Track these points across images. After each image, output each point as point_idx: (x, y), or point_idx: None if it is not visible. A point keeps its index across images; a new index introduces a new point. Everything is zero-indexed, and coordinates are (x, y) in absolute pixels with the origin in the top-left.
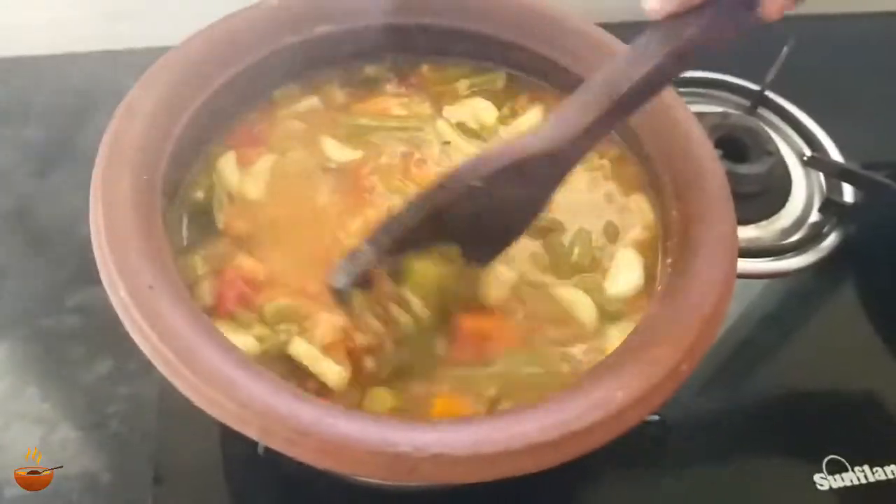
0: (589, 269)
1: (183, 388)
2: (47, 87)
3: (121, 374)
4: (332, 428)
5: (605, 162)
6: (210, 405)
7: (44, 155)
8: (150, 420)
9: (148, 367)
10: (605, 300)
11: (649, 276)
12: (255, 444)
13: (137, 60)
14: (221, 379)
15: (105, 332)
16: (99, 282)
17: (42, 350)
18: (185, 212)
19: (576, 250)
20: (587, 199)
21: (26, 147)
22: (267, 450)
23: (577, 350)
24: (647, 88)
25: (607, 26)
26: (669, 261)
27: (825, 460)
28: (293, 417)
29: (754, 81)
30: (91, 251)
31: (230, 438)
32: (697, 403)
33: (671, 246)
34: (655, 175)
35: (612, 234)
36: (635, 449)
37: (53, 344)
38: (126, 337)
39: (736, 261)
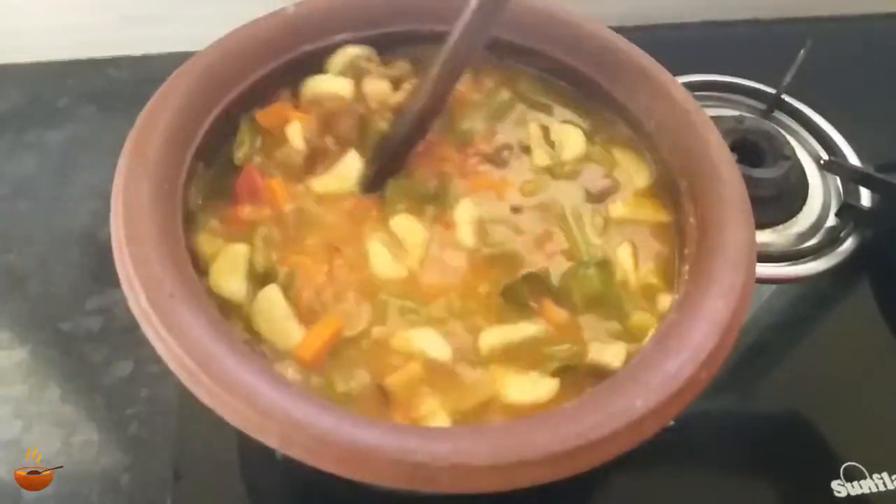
0: None
1: (202, 397)
2: (68, 92)
3: (140, 376)
4: (350, 437)
5: None
6: (230, 413)
7: (65, 159)
8: (170, 422)
9: (167, 369)
10: None
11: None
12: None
13: (156, 65)
14: (241, 387)
15: (125, 334)
16: (119, 285)
17: (63, 353)
18: None
19: None
20: None
21: (48, 151)
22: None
23: None
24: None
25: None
26: (686, 268)
27: (843, 467)
28: (312, 426)
29: (770, 85)
30: (111, 254)
31: (249, 440)
32: (712, 409)
33: (688, 253)
34: (672, 180)
35: None
36: (650, 456)
37: (74, 347)
38: (146, 340)
39: (754, 268)
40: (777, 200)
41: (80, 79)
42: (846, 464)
